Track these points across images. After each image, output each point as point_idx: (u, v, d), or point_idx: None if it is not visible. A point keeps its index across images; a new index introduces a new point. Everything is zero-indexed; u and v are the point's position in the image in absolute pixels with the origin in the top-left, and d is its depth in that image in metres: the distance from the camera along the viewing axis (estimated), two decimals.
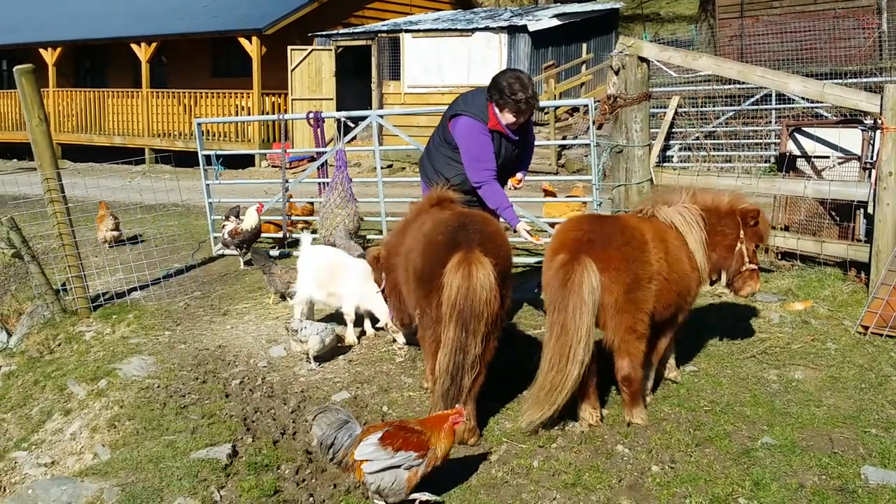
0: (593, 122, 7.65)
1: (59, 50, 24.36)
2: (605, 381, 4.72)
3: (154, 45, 22.41)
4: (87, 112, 23.93)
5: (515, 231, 5.42)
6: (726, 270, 4.95)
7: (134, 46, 22.61)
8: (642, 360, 4.49)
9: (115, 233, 10.01)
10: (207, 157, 9.98)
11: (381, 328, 6.29)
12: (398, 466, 3.70)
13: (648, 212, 4.77)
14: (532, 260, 8.11)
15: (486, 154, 5.36)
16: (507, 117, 5.31)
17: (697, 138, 15.12)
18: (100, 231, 10.01)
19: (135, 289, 7.93)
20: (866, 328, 5.69)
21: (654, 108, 14.48)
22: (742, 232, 4.84)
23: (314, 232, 8.36)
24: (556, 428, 4.54)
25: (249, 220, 8.56)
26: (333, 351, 5.90)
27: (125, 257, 8.58)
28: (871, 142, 6.99)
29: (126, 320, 7.03)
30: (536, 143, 6.21)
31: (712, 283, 5.17)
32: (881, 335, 5.59)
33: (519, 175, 5.79)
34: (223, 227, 8.88)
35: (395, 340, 6.11)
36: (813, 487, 3.88)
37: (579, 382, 4.30)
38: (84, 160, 22.38)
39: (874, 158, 6.44)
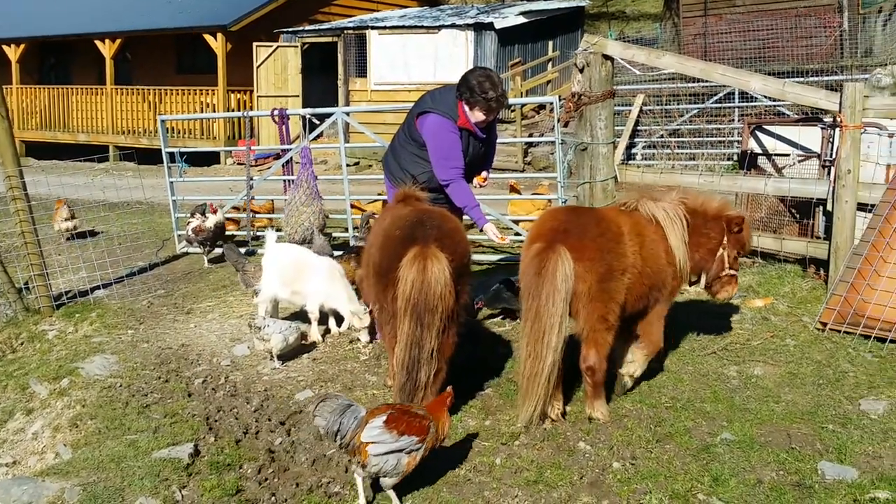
0: (559, 120, 7.68)
1: (22, 46, 23.94)
2: (568, 379, 4.75)
3: (118, 41, 22.10)
4: (51, 109, 23.56)
5: (482, 231, 5.43)
6: (706, 273, 5.03)
7: (98, 43, 22.27)
8: (608, 351, 4.54)
9: (70, 223, 9.92)
10: (172, 155, 9.87)
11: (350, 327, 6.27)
12: (401, 450, 3.75)
13: (631, 205, 4.82)
14: (496, 257, 8.13)
15: (454, 152, 5.37)
16: (477, 115, 5.32)
17: (662, 136, 15.28)
18: (55, 222, 9.92)
19: (98, 287, 7.83)
20: (825, 324, 5.78)
21: (619, 105, 14.62)
22: (725, 238, 4.91)
23: (278, 230, 8.30)
24: (518, 425, 4.56)
25: (212, 218, 8.51)
26: (297, 349, 5.88)
27: (88, 255, 8.46)
28: (831, 140, 7.11)
29: (89, 319, 6.94)
30: (503, 140, 6.28)
31: (691, 284, 5.25)
32: (839, 331, 5.69)
33: (484, 173, 5.81)
34: (188, 224, 8.79)
35: (359, 339, 6.10)
36: (771, 483, 3.94)
37: (557, 371, 4.34)
38: (48, 158, 22.03)
39: (833, 156, 6.55)
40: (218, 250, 8.86)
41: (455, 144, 5.37)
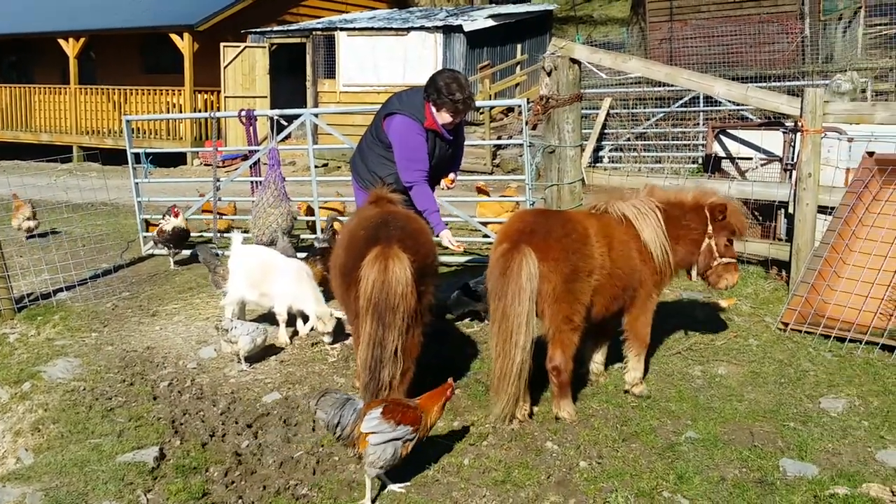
0: (527, 123, 7.74)
1: None
2: (535, 380, 4.78)
3: (82, 40, 21.77)
4: (13, 108, 23.11)
5: (438, 237, 5.39)
6: (696, 265, 5.05)
7: (61, 41, 21.92)
8: (574, 352, 4.58)
9: (32, 222, 9.78)
10: (137, 156, 9.75)
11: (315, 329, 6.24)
12: (398, 439, 3.87)
13: (602, 207, 4.86)
14: (464, 259, 8.15)
15: (419, 154, 5.36)
16: (444, 117, 5.33)
17: (628, 139, 15.43)
18: (15, 219, 9.78)
19: (61, 289, 7.70)
20: (786, 325, 5.89)
21: (586, 109, 14.73)
22: (710, 227, 4.92)
23: (246, 231, 8.25)
24: (486, 426, 4.59)
25: (172, 221, 8.41)
26: (264, 351, 5.84)
27: (51, 257, 8.32)
28: (792, 144, 7.25)
29: (52, 322, 6.83)
30: (472, 142, 6.29)
31: (677, 275, 5.22)
32: (800, 331, 5.80)
33: (451, 175, 5.82)
34: (158, 224, 8.72)
35: (323, 340, 6.08)
36: (734, 480, 4.01)
37: (527, 369, 4.38)
38: (9, 158, 21.59)
39: (795, 160, 6.67)
40: (187, 252, 8.78)
41: (420, 147, 5.37)
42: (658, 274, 4.88)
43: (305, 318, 6.26)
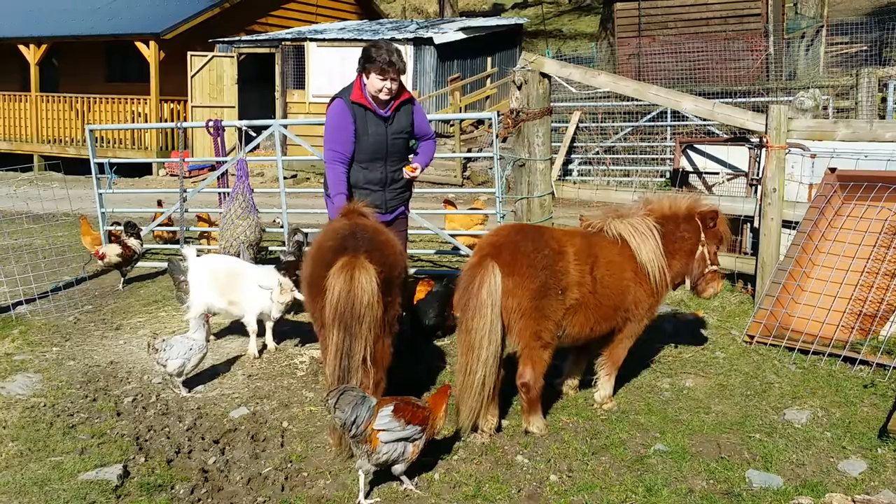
0: (497, 136, 7.77)
1: None
2: (507, 393, 4.78)
3: (44, 46, 21.46)
4: None
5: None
6: (689, 275, 5.05)
7: (22, 48, 21.59)
8: (545, 369, 4.56)
9: None
10: (101, 166, 9.60)
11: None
12: (407, 439, 3.95)
13: (597, 226, 4.83)
14: (434, 271, 8.14)
15: (338, 134, 5.35)
16: (374, 82, 5.26)
17: (597, 153, 15.58)
18: None
19: (20, 303, 7.52)
20: (752, 337, 5.96)
21: (555, 122, 14.87)
22: (703, 235, 4.95)
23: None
24: (457, 440, 4.57)
25: (111, 248, 8.25)
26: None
27: (10, 269, 8.14)
28: (758, 159, 7.36)
29: (10, 336, 6.67)
30: (442, 155, 6.26)
31: (675, 288, 5.24)
32: (765, 344, 5.87)
33: (414, 164, 5.60)
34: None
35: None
36: (702, 492, 4.03)
37: (492, 384, 4.36)
38: None
39: (760, 175, 6.77)
40: (149, 264, 8.64)
41: (341, 126, 5.33)
42: (654, 295, 4.87)
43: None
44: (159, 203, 10.58)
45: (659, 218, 4.87)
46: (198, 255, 6.49)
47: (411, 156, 5.68)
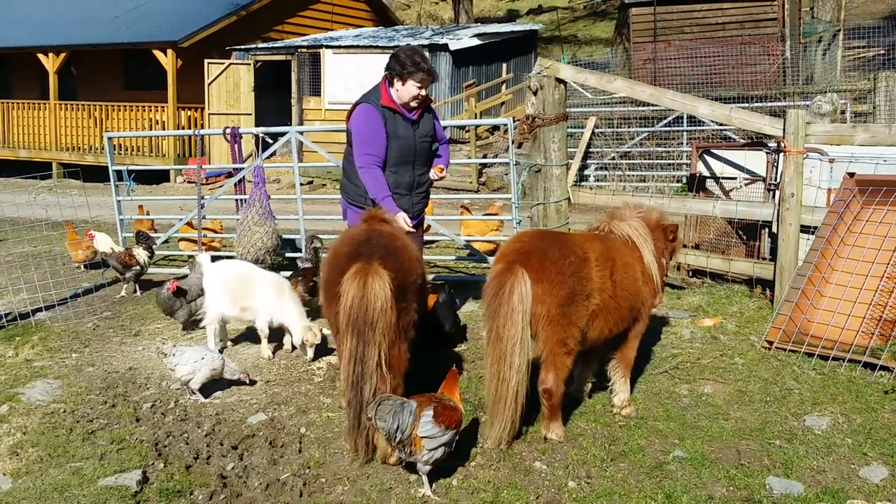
0: (513, 142, 7.77)
1: None
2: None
3: (63, 55, 21.69)
4: None
5: (394, 219, 5.30)
6: None
7: (41, 56, 21.82)
8: (567, 375, 4.57)
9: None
10: (119, 173, 9.68)
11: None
12: (446, 444, 4.05)
13: (605, 229, 4.90)
14: (450, 277, 8.15)
15: (372, 139, 5.37)
16: (411, 89, 5.33)
17: (613, 158, 15.54)
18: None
19: (40, 309, 7.59)
20: (771, 343, 5.92)
21: (570, 128, 14.85)
22: (665, 246, 5.07)
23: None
24: (475, 446, 4.56)
25: (100, 245, 8.22)
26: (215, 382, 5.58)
27: (30, 276, 8.22)
28: (775, 164, 7.31)
29: (30, 342, 6.72)
30: (457, 161, 6.28)
31: None
32: (785, 350, 5.83)
33: (441, 165, 5.73)
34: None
35: (308, 357, 6.04)
36: (721, 499, 4.00)
37: (525, 392, 4.36)
38: None
39: (778, 180, 6.73)
40: (168, 270, 8.68)
41: (374, 131, 5.37)
42: (655, 295, 4.97)
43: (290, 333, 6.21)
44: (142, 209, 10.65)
45: (646, 223, 4.99)
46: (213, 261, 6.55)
47: (435, 159, 5.76)
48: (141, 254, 8.29)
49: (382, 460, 4.36)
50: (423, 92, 5.40)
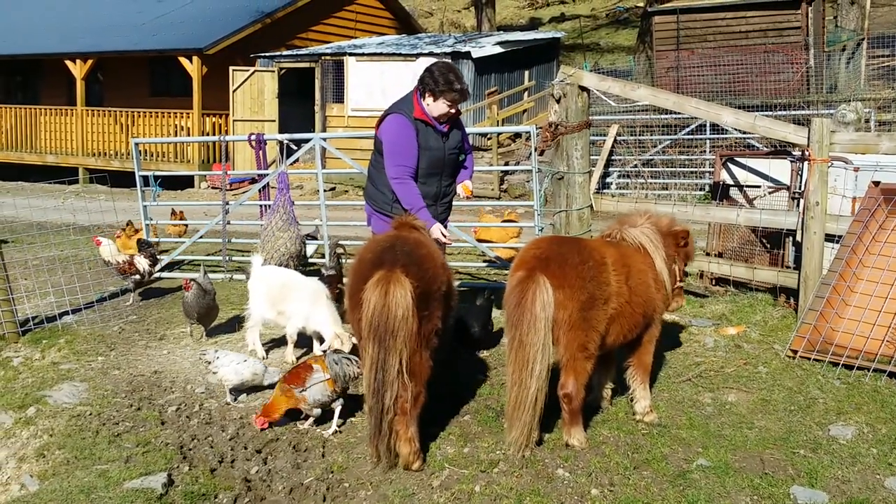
0: (535, 149, 7.78)
1: None
2: (546, 406, 4.76)
3: (90, 62, 21.98)
4: (18, 129, 23.26)
5: (429, 231, 5.32)
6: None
7: (69, 63, 22.13)
8: (586, 380, 4.58)
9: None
10: (145, 178, 9.80)
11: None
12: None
13: (617, 234, 4.92)
14: (473, 283, 8.15)
15: (405, 150, 5.37)
16: (441, 107, 5.36)
17: (636, 166, 15.50)
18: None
19: (67, 313, 7.69)
20: (795, 352, 5.88)
21: (593, 135, 14.82)
22: (675, 252, 5.10)
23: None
24: (497, 452, 4.57)
25: (103, 252, 8.22)
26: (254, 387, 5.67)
27: (56, 280, 8.33)
28: (800, 172, 7.27)
29: (57, 345, 6.80)
30: (479, 168, 6.31)
31: None
32: (809, 359, 5.78)
33: (467, 183, 5.76)
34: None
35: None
36: None
37: (544, 398, 4.38)
38: (14, 179, 21.71)
39: (802, 188, 6.69)
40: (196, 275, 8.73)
41: (407, 142, 5.37)
42: (666, 301, 5.01)
43: (321, 340, 6.25)
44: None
45: (657, 229, 5.02)
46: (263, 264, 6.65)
47: (462, 171, 5.80)
48: (142, 262, 8.20)
49: (405, 467, 4.38)
50: (454, 110, 5.44)
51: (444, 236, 5.42)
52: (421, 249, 4.61)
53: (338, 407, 5.03)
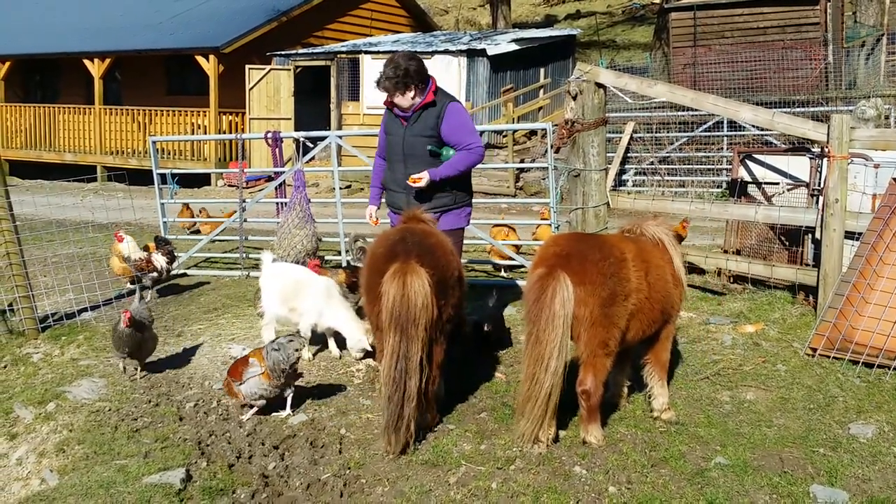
0: (551, 146, 7.75)
1: (7, 64, 23.95)
2: (564, 404, 4.75)
3: (108, 61, 22.13)
4: (37, 128, 23.47)
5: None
6: None
7: (87, 62, 22.29)
8: (605, 376, 4.56)
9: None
10: (162, 176, 9.86)
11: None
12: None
13: (637, 230, 4.93)
14: (488, 281, 8.15)
15: (380, 134, 5.82)
16: (382, 95, 5.61)
17: (652, 163, 15.42)
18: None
19: (85, 309, 7.74)
20: (814, 350, 5.83)
21: (609, 133, 14.78)
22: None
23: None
24: (514, 449, 4.56)
25: (125, 248, 8.14)
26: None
27: (76, 277, 8.40)
28: (819, 169, 7.20)
29: (76, 341, 6.86)
30: (495, 165, 6.34)
31: None
32: (828, 357, 5.74)
33: (423, 174, 5.38)
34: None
35: (355, 356, 6.09)
36: None
37: (558, 395, 4.38)
38: (33, 177, 21.90)
39: (821, 185, 6.63)
40: (210, 272, 8.80)
41: (382, 127, 5.77)
42: (682, 298, 5.01)
43: (338, 339, 6.26)
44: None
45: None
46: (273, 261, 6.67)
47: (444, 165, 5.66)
48: (160, 259, 8.19)
49: (428, 427, 4.54)
50: (396, 99, 5.50)
51: (371, 219, 5.87)
52: (430, 239, 4.76)
53: (289, 395, 5.19)
